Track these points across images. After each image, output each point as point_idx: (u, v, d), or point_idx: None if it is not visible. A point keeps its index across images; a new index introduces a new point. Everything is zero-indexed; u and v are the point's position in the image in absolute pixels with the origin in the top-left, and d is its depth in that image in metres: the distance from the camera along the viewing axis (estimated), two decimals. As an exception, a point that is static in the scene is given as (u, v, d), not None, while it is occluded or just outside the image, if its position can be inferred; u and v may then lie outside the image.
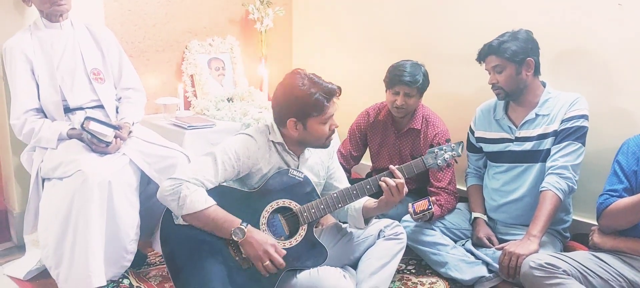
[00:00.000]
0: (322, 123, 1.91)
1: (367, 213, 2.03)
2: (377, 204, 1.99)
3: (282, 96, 1.92)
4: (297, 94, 1.87)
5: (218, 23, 3.33)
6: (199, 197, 1.79)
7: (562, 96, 2.22)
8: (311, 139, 1.94)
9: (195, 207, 1.78)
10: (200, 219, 1.81)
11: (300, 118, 1.89)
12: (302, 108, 1.87)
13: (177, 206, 1.79)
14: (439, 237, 2.30)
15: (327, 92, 1.88)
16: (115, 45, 2.48)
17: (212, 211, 1.81)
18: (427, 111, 2.52)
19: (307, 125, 1.90)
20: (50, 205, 2.10)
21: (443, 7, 2.86)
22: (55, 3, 2.25)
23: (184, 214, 1.80)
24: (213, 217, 1.81)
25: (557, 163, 2.13)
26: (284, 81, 1.94)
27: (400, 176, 1.93)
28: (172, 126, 2.76)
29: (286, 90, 1.91)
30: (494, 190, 2.34)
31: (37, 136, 2.21)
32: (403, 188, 1.92)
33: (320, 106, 1.87)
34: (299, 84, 1.87)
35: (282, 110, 1.92)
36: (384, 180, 1.92)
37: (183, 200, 1.78)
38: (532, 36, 2.20)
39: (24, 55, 2.25)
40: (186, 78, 3.17)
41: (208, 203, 1.81)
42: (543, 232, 2.07)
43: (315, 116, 1.88)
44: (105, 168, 2.08)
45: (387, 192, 1.92)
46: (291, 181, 1.95)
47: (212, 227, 1.82)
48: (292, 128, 1.91)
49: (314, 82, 1.88)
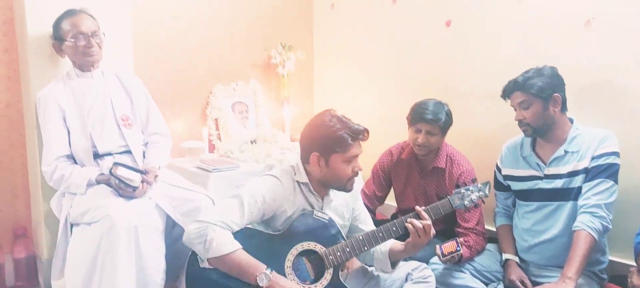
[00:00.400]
0: (344, 161, 1.91)
1: (394, 256, 1.99)
2: (404, 247, 1.95)
3: (308, 130, 1.95)
4: (323, 128, 1.90)
5: (241, 68, 3.40)
6: (225, 240, 1.79)
7: (591, 132, 2.18)
8: (333, 178, 1.94)
9: (221, 251, 1.78)
10: (226, 263, 1.80)
11: (323, 153, 1.90)
12: (326, 143, 1.89)
13: (203, 249, 1.79)
14: (469, 279, 2.23)
15: (353, 131, 1.90)
16: (143, 92, 2.55)
17: (237, 255, 1.80)
18: (451, 150, 2.50)
19: (329, 161, 1.91)
20: (79, 250, 2.11)
21: (464, 45, 2.87)
22: (87, 54, 2.33)
23: (210, 257, 1.79)
24: (238, 262, 1.80)
25: (590, 202, 2.06)
26: (313, 118, 1.98)
27: (427, 217, 1.91)
28: (197, 169, 2.79)
29: (313, 124, 1.94)
30: (524, 230, 2.28)
31: (67, 182, 2.25)
32: (430, 230, 1.89)
33: (344, 143, 1.88)
34: (327, 119, 1.91)
35: (307, 144, 1.94)
36: (411, 222, 1.90)
37: (209, 243, 1.77)
38: (557, 72, 2.18)
39: (57, 104, 2.31)
40: (211, 122, 3.23)
41: (234, 246, 1.80)
42: (579, 273, 1.99)
43: (338, 153, 1.89)
44: (132, 212, 2.10)
45: (414, 234, 1.89)
46: (316, 223, 1.93)
47: (237, 271, 1.81)
48: (315, 163, 1.92)
49: (342, 120, 1.92)
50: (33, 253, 2.73)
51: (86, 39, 2.31)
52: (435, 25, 2.98)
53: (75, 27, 2.30)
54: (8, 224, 2.71)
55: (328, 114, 1.94)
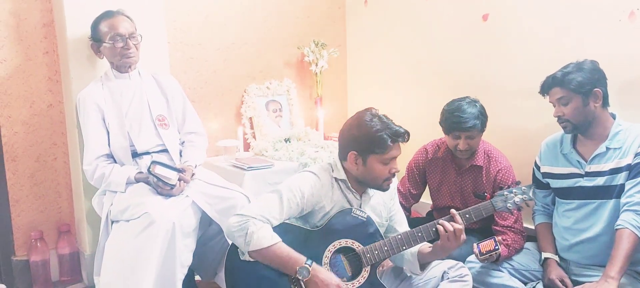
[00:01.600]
0: (382, 163, 1.90)
1: (423, 258, 1.98)
2: (433, 249, 1.94)
3: (348, 129, 1.95)
4: (363, 128, 1.89)
5: (275, 67, 3.42)
6: (265, 234, 1.81)
7: (634, 128, 2.10)
8: (369, 178, 1.93)
9: (261, 244, 1.80)
10: (266, 256, 1.82)
11: (361, 152, 1.90)
12: (365, 143, 1.88)
13: (244, 242, 1.81)
14: (507, 279, 2.20)
15: (394, 133, 1.88)
16: (179, 92, 2.59)
17: (277, 248, 1.82)
18: (489, 146, 2.46)
19: (367, 161, 1.90)
20: (116, 245, 2.17)
21: (502, 39, 2.81)
22: (125, 56, 2.38)
23: (251, 250, 1.81)
24: (278, 254, 1.82)
25: (634, 200, 2.00)
26: (353, 116, 1.97)
27: (460, 221, 1.88)
28: (232, 167, 2.83)
29: (353, 123, 1.93)
30: (565, 229, 2.22)
31: (108, 180, 2.31)
32: (461, 235, 1.87)
33: (383, 144, 1.87)
34: (367, 119, 1.90)
35: (346, 142, 1.94)
36: (442, 224, 1.88)
37: (250, 236, 1.80)
38: (598, 66, 2.12)
39: (96, 104, 2.38)
40: (245, 120, 3.26)
41: (274, 240, 1.82)
42: (622, 273, 1.93)
43: (376, 154, 1.88)
44: (170, 210, 2.14)
45: (443, 237, 1.87)
46: (354, 221, 1.93)
47: (277, 263, 1.83)
48: (352, 162, 1.92)
49: (383, 121, 1.90)
50: (76, 249, 2.82)
51: (124, 41, 2.36)
52: (471, 20, 2.93)
53: (113, 28, 2.35)
54: (52, 221, 2.81)
55: (369, 112, 1.93)
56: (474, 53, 2.94)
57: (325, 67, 3.45)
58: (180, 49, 3.06)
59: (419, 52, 3.25)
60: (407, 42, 3.31)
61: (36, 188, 2.75)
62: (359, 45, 3.65)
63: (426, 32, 3.20)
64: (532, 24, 2.67)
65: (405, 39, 3.33)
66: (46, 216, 2.79)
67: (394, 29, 3.39)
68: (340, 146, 1.98)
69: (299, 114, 3.41)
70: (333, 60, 3.52)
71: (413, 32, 3.27)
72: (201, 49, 3.14)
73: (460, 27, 3.00)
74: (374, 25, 3.52)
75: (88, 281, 2.69)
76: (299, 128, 3.30)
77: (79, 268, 2.82)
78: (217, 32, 3.18)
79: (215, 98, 3.21)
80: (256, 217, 1.83)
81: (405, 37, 3.32)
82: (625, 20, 2.33)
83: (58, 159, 2.78)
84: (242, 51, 3.28)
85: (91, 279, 2.53)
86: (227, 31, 3.22)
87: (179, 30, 3.05)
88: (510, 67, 2.78)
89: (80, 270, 2.81)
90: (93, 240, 2.64)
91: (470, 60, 2.97)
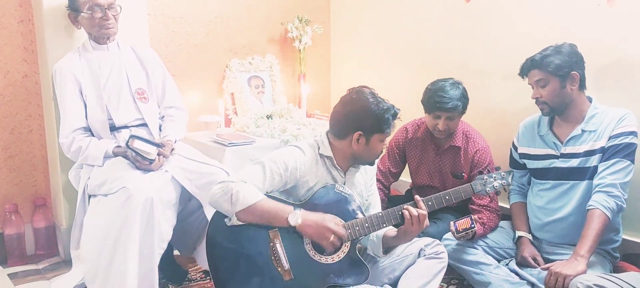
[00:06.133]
0: (381, 141, 1.96)
1: (387, 242, 2.02)
2: (397, 233, 1.98)
3: (350, 108, 1.94)
4: (369, 109, 1.91)
5: (258, 42, 3.39)
6: (250, 191, 1.82)
7: (610, 112, 2.15)
8: (367, 155, 1.98)
9: (248, 201, 1.80)
10: (254, 213, 1.83)
11: (366, 132, 1.92)
12: (374, 124, 1.92)
13: (229, 205, 1.81)
14: (481, 256, 2.24)
15: (393, 113, 1.94)
16: (159, 66, 2.56)
17: (265, 202, 1.84)
18: (467, 127, 2.48)
19: (370, 140, 1.94)
20: (95, 220, 2.15)
21: (481, 22, 2.82)
22: (103, 26, 2.34)
23: (238, 210, 1.81)
24: (267, 208, 1.83)
25: (605, 181, 2.05)
26: (349, 95, 1.97)
27: (424, 207, 1.93)
28: (213, 143, 2.81)
29: (356, 104, 1.94)
30: (538, 208, 2.27)
31: (85, 154, 2.28)
32: (424, 221, 1.92)
33: (388, 124, 1.93)
34: (371, 100, 1.92)
35: (350, 122, 1.94)
36: (407, 209, 1.92)
37: (236, 196, 1.80)
38: (576, 50, 2.15)
39: (73, 76, 2.33)
40: (227, 96, 3.23)
41: (260, 195, 1.83)
42: (591, 252, 1.99)
43: (379, 133, 1.93)
44: (149, 185, 2.12)
45: (408, 221, 1.91)
46: (337, 197, 1.95)
47: (266, 218, 1.84)
48: (354, 141, 1.93)
49: (383, 101, 1.94)
50: (52, 223, 2.79)
51: (103, 11, 2.32)
52: (454, 1, 2.93)
53: (92, -2, 2.30)
54: (28, 194, 2.77)
55: (368, 91, 1.95)
56: (456, 34, 2.95)
57: (309, 44, 3.42)
58: (162, 22, 3.01)
59: (401, 31, 3.25)
60: (391, 22, 3.30)
61: (11, 160, 2.70)
62: (342, 22, 3.63)
63: (409, 12, 3.19)
64: (513, 7, 2.68)
65: (388, 18, 3.32)
66: (21, 189, 2.75)
67: (378, 7, 3.37)
68: (339, 125, 1.97)
69: (282, 91, 3.39)
70: (317, 37, 3.49)
71: (396, 12, 3.27)
72: (183, 22, 3.09)
73: (444, 7, 3.00)
74: (358, 3, 3.50)
75: (64, 255, 2.67)
76: (281, 105, 3.28)
77: (55, 242, 2.79)
78: (200, 5, 3.13)
79: (196, 72, 3.17)
80: (238, 181, 1.84)
81: (388, 16, 3.32)
82: (604, 5, 2.35)
83: (33, 131, 2.73)
84: (224, 25, 3.24)
85: (67, 253, 2.52)
86: (210, 5, 3.17)
87: (161, 3, 2.99)
88: (491, 49, 2.80)
89: (57, 244, 2.79)
90: (69, 214, 2.62)
91: (452, 41, 2.98)
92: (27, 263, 2.69)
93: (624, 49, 2.33)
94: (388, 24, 3.32)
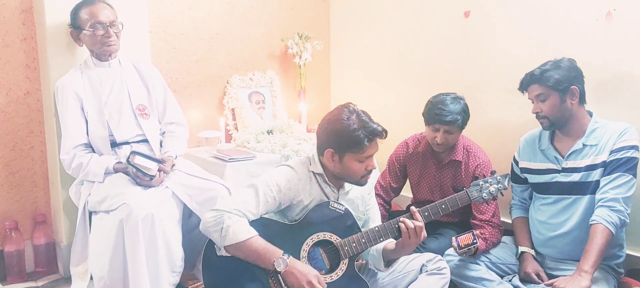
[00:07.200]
0: (358, 161, 1.88)
1: (387, 255, 1.99)
2: (396, 246, 1.95)
3: (325, 125, 1.92)
4: (339, 126, 1.86)
5: (258, 58, 3.40)
6: (241, 228, 1.80)
7: (611, 126, 2.15)
8: (345, 174, 1.93)
9: (237, 238, 1.79)
10: (243, 250, 1.81)
11: (337, 150, 1.88)
12: (341, 141, 1.86)
13: (219, 237, 1.80)
14: (484, 271, 2.23)
15: (370, 132, 1.85)
16: (160, 82, 2.57)
17: (254, 241, 1.81)
18: (468, 142, 2.48)
19: (343, 159, 1.89)
20: (101, 237, 2.14)
21: (483, 36, 2.83)
22: (105, 44, 2.35)
23: (227, 245, 1.81)
24: (255, 248, 1.81)
25: (608, 196, 2.04)
26: (332, 111, 1.94)
27: (420, 219, 1.90)
28: (213, 159, 2.81)
29: (330, 119, 1.91)
30: (540, 223, 2.26)
31: (85, 170, 2.28)
32: (421, 233, 1.88)
33: (359, 144, 1.85)
34: (344, 117, 1.86)
35: (323, 138, 1.92)
36: (403, 221, 1.89)
37: (226, 230, 1.79)
38: (575, 65, 2.15)
39: (74, 93, 2.34)
40: (227, 111, 3.24)
41: (250, 233, 1.81)
42: (595, 267, 1.98)
43: (353, 152, 1.86)
44: (149, 201, 2.12)
45: (405, 234, 1.88)
46: (332, 214, 1.93)
47: (254, 257, 1.82)
48: (328, 159, 1.91)
49: (361, 119, 1.86)
50: (52, 239, 2.78)
51: (104, 29, 2.33)
52: (454, 16, 2.95)
53: (94, 16, 2.32)
54: (28, 211, 2.76)
55: (346, 109, 1.89)
56: (456, 49, 2.96)
57: (309, 60, 3.44)
58: (163, 38, 3.03)
59: (401, 47, 3.27)
60: (390, 37, 3.32)
61: (12, 177, 2.70)
62: (342, 38, 3.65)
63: (409, 28, 3.21)
64: (512, 22, 2.70)
65: (388, 34, 3.34)
66: (21, 206, 2.74)
67: (378, 23, 3.40)
68: (317, 141, 1.96)
69: (282, 106, 3.40)
70: (317, 53, 3.51)
71: (396, 27, 3.29)
72: (184, 39, 3.11)
73: (443, 23, 3.02)
74: (358, 19, 3.52)
75: (64, 272, 2.65)
76: (281, 120, 3.29)
77: (55, 259, 2.78)
78: (201, 22, 3.15)
79: (197, 88, 3.18)
80: (232, 212, 1.82)
81: (388, 32, 3.34)
82: (602, 20, 2.37)
83: (35, 148, 2.73)
84: (225, 42, 3.26)
85: (67, 270, 2.50)
86: (211, 21, 3.19)
87: (162, 20, 3.01)
88: (491, 63, 2.81)
89: (56, 261, 2.78)
90: (70, 230, 2.61)
91: (451, 55, 2.99)
92: (27, 280, 2.67)
93: (623, 63, 2.33)
94: (387, 39, 3.34)
